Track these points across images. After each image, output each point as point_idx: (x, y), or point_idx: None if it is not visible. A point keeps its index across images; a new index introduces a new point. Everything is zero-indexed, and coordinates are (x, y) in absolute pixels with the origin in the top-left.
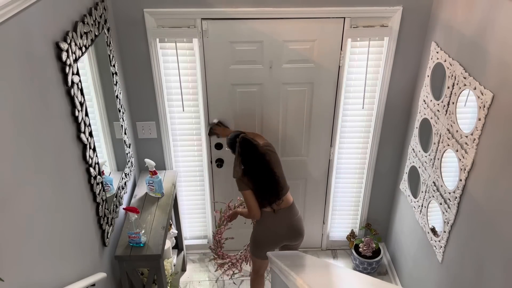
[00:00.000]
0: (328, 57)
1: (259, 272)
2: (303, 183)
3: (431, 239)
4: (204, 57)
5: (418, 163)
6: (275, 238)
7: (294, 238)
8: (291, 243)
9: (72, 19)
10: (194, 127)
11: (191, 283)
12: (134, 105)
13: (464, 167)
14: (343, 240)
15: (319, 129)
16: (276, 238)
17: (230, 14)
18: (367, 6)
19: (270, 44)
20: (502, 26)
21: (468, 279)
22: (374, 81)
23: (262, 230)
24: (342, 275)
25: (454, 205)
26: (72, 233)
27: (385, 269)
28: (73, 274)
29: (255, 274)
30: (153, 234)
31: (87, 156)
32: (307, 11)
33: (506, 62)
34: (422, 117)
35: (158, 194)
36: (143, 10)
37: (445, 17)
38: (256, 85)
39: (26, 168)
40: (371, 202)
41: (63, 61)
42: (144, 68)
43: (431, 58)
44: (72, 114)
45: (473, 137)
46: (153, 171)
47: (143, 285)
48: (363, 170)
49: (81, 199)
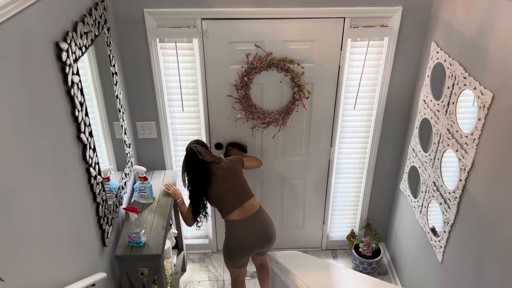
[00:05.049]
0: (328, 57)
1: (237, 280)
2: (303, 183)
3: (431, 239)
4: (204, 57)
5: (418, 163)
6: (245, 247)
7: (265, 244)
8: (262, 249)
9: (72, 19)
10: (194, 127)
11: (191, 283)
12: (134, 105)
13: (464, 167)
14: (343, 240)
15: (319, 129)
16: (247, 247)
17: (230, 14)
18: (367, 6)
19: (270, 44)
20: (502, 26)
21: (468, 279)
22: (374, 81)
23: (231, 240)
24: (342, 275)
25: (454, 205)
26: (72, 233)
27: (385, 269)
28: (73, 274)
29: (234, 283)
30: (153, 234)
31: (87, 156)
32: (307, 11)
33: (506, 62)
34: (422, 117)
35: (150, 200)
36: (143, 10)
37: (445, 17)
38: (256, 85)
39: (26, 168)
40: (371, 202)
41: (63, 61)
42: (144, 68)
43: (431, 58)
44: (72, 114)
45: (473, 137)
46: (144, 177)
47: (143, 285)
48: (363, 170)
49: (81, 199)
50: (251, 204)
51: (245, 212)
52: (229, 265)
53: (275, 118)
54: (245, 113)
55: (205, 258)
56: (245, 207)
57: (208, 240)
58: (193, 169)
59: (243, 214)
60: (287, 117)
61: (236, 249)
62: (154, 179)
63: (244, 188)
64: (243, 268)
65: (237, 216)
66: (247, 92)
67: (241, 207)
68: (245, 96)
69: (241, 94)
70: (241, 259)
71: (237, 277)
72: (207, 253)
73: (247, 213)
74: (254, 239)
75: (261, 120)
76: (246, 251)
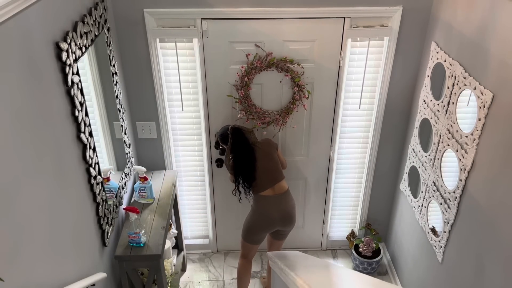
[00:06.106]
0: (328, 57)
1: (247, 257)
2: (303, 183)
3: (431, 239)
4: (204, 57)
5: (418, 163)
6: (268, 222)
7: (286, 223)
8: (282, 228)
9: (72, 19)
10: (194, 127)
11: (191, 283)
12: (134, 105)
13: (464, 167)
14: (343, 240)
15: (319, 129)
16: (269, 222)
17: (230, 14)
18: (367, 6)
19: (270, 44)
20: (503, 26)
21: (468, 279)
22: (374, 81)
23: (256, 214)
24: (342, 275)
25: (454, 205)
26: (72, 233)
27: (385, 269)
28: (73, 274)
29: (243, 259)
30: (153, 234)
31: (87, 156)
32: (307, 11)
33: (506, 62)
34: (422, 117)
35: (150, 200)
36: (143, 10)
37: (445, 17)
38: (256, 85)
39: (26, 168)
40: (371, 202)
41: (63, 61)
42: (144, 68)
43: (431, 58)
44: (72, 114)
45: (473, 137)
46: (144, 177)
47: (143, 285)
48: (363, 170)
49: (81, 199)
50: (281, 185)
51: (275, 191)
52: (245, 239)
53: (275, 118)
54: (245, 113)
55: (205, 258)
56: (275, 188)
57: (208, 240)
58: (239, 145)
59: (273, 192)
60: (287, 117)
61: (258, 222)
62: (154, 179)
63: (277, 170)
64: (256, 244)
65: (267, 193)
66: (247, 92)
67: (272, 187)
68: (245, 96)
69: (241, 94)
70: (260, 234)
71: (247, 253)
72: (207, 253)
73: (276, 192)
74: (278, 216)
75: (261, 120)
76: (267, 225)
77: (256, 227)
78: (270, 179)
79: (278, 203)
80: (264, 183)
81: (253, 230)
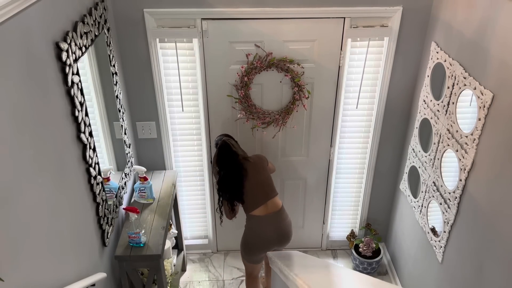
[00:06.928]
0: (328, 57)
1: (252, 274)
2: (303, 183)
3: (431, 239)
4: (204, 57)
5: (418, 163)
6: (263, 243)
7: (283, 242)
8: (279, 247)
9: (72, 19)
10: (194, 127)
11: (191, 283)
12: (134, 105)
13: (464, 167)
14: (343, 240)
15: (319, 129)
16: (265, 243)
17: (230, 14)
18: (367, 6)
19: (270, 44)
20: (503, 26)
21: (468, 279)
22: (374, 81)
23: (251, 235)
24: (342, 275)
25: (454, 205)
26: (72, 233)
27: (385, 269)
28: (73, 274)
29: (248, 278)
30: (153, 234)
31: (87, 156)
32: (307, 11)
33: (506, 62)
34: (422, 117)
35: (150, 200)
36: (143, 10)
37: (445, 17)
38: (256, 85)
39: (26, 168)
40: (371, 202)
41: (63, 61)
42: (144, 68)
43: (431, 58)
44: (72, 114)
45: (473, 137)
46: (144, 177)
47: (143, 285)
48: (363, 170)
49: (81, 199)
50: (274, 202)
51: (268, 209)
52: (245, 259)
53: (275, 118)
54: (245, 113)
55: (205, 258)
56: (268, 205)
57: (208, 240)
58: (226, 161)
59: (266, 211)
60: (287, 117)
61: (254, 245)
62: (154, 179)
63: (269, 185)
64: (258, 263)
65: (260, 212)
66: (247, 92)
67: (265, 204)
68: (245, 96)
69: (241, 94)
70: (258, 255)
71: (251, 271)
72: (207, 253)
73: (270, 210)
74: (273, 236)
75: (261, 120)
76: (264, 247)
77: (252, 249)
78: (262, 195)
79: (273, 223)
80: (256, 200)
81: (251, 251)
